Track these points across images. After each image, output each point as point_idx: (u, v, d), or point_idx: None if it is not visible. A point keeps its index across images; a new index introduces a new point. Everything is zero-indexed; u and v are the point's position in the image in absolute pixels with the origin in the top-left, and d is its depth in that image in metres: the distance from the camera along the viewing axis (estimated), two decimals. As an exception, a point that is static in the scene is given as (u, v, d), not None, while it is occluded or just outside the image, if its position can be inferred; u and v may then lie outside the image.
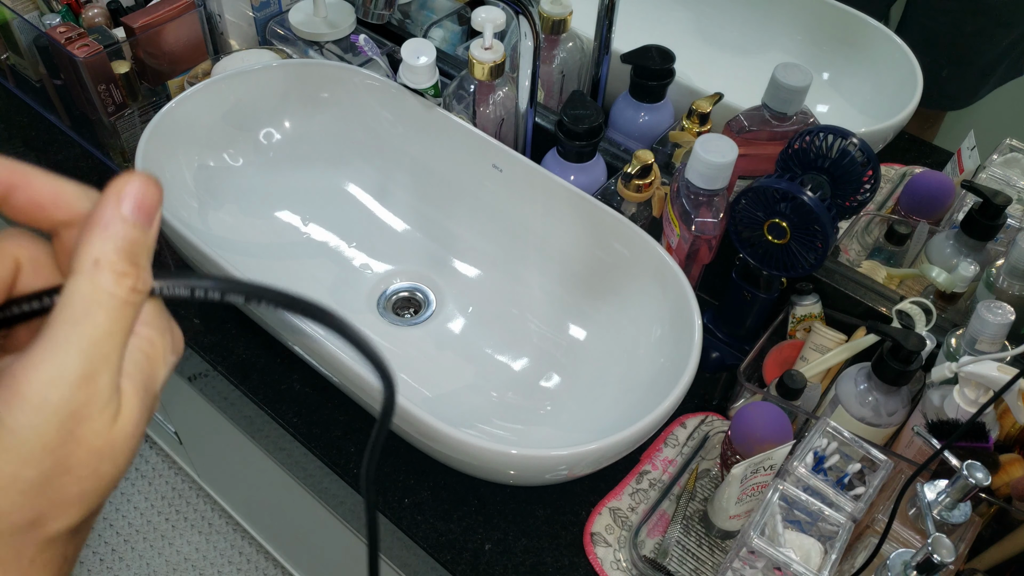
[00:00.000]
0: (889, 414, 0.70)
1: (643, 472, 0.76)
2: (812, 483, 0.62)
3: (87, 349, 0.24)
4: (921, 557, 0.57)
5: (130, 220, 0.25)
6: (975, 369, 0.64)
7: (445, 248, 0.90)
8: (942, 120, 1.00)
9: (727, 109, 0.85)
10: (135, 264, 0.25)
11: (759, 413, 0.69)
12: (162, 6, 0.96)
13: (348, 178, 0.95)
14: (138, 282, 0.25)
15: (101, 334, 0.25)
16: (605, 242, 0.80)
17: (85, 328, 0.25)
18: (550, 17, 0.92)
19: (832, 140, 0.70)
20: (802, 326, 0.81)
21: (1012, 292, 0.74)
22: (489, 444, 0.62)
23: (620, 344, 0.79)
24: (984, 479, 0.59)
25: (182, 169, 0.87)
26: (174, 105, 0.85)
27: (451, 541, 0.72)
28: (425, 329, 0.85)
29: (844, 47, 0.95)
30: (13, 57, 1.06)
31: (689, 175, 0.73)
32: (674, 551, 0.72)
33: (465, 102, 0.91)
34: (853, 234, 0.86)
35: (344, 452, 0.77)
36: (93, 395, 0.25)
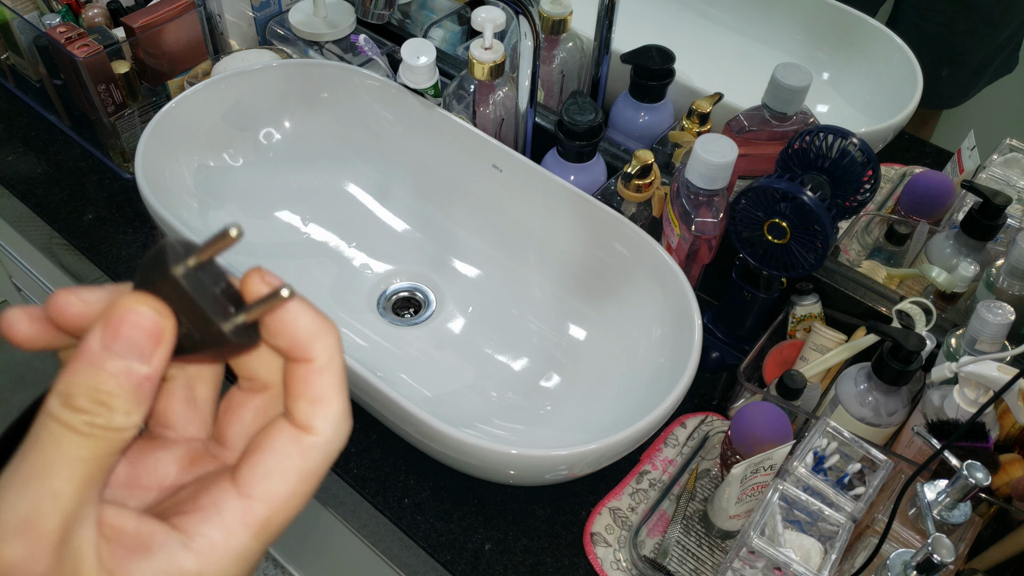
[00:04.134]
0: (889, 414, 0.70)
1: (643, 472, 0.76)
2: (812, 483, 0.62)
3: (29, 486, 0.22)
4: (921, 557, 0.57)
5: (100, 355, 0.23)
6: (975, 369, 0.64)
7: (445, 248, 0.90)
8: (938, 119, 1.00)
9: (727, 109, 0.85)
10: (99, 403, 0.23)
11: (759, 413, 0.69)
12: (162, 6, 0.96)
13: (348, 178, 0.95)
14: (99, 419, 0.23)
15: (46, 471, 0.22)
16: (605, 242, 0.80)
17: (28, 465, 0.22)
18: (550, 17, 0.92)
19: (832, 140, 0.70)
20: (802, 326, 0.81)
21: (1012, 292, 0.74)
22: (489, 444, 0.62)
23: (620, 344, 0.79)
24: (984, 479, 0.59)
25: (182, 169, 0.87)
26: (174, 105, 0.85)
27: (451, 541, 0.72)
28: (425, 329, 0.85)
29: (844, 47, 0.95)
30: (13, 57, 1.06)
31: (689, 175, 0.73)
32: (674, 551, 0.72)
33: (465, 102, 0.91)
34: (853, 234, 0.86)
35: (344, 452, 0.77)
36: (36, 545, 0.22)
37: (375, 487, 0.75)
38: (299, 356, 0.26)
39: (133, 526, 0.24)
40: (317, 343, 0.26)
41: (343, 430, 0.27)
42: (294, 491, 0.25)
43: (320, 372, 0.26)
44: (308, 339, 0.26)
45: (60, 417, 0.23)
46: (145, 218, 0.97)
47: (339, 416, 0.26)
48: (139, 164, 0.79)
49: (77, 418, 0.23)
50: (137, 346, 0.23)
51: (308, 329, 0.26)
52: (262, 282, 0.26)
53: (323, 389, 0.26)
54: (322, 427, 0.26)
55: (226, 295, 0.26)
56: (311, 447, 0.26)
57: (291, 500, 0.25)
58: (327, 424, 0.26)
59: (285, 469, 0.25)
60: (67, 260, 1.00)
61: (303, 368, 0.26)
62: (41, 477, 0.22)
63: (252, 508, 0.25)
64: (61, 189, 1.00)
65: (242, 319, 0.25)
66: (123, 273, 0.92)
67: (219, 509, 0.25)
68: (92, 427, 0.23)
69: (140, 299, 0.24)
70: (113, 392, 0.23)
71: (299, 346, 0.26)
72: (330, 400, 0.26)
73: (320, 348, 0.26)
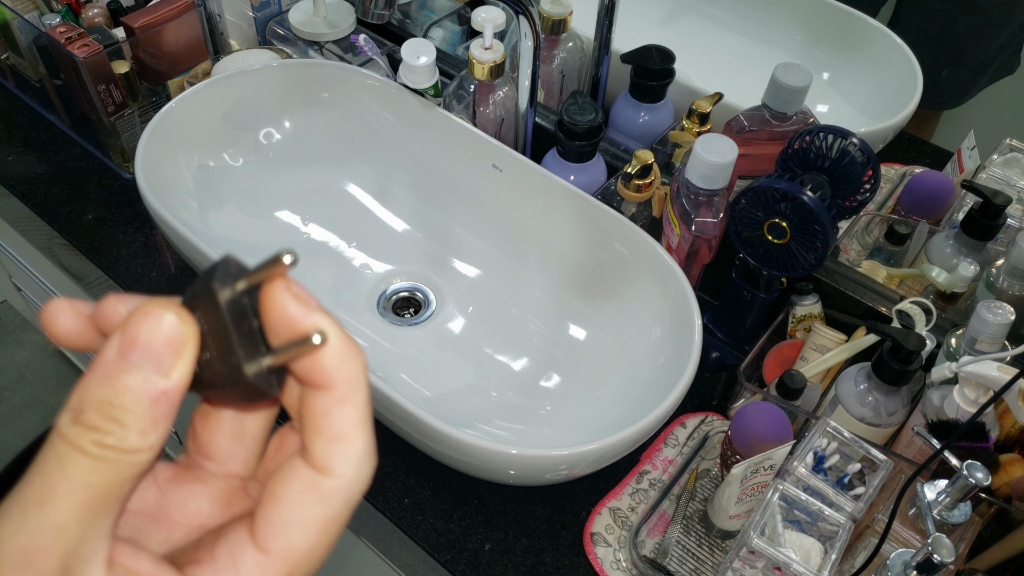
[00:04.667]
0: (889, 414, 0.70)
1: (643, 472, 0.76)
2: (812, 483, 0.61)
3: (28, 515, 0.20)
4: (921, 557, 0.57)
5: (116, 364, 0.21)
6: (975, 369, 0.64)
7: (445, 248, 0.90)
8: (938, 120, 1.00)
9: (727, 109, 0.85)
10: (111, 419, 0.21)
11: (759, 413, 0.69)
12: (162, 6, 0.96)
13: (348, 178, 0.95)
14: (109, 438, 0.20)
15: (48, 498, 0.20)
16: (605, 242, 0.80)
17: (31, 491, 0.20)
18: (550, 17, 0.92)
19: (832, 140, 0.70)
20: (802, 326, 0.81)
21: (1012, 292, 0.73)
22: (489, 444, 0.62)
23: (620, 344, 0.79)
24: (984, 479, 0.59)
25: (182, 169, 0.87)
26: (174, 105, 0.85)
27: (451, 541, 0.72)
28: (425, 329, 0.85)
29: (844, 47, 0.95)
30: (13, 57, 1.06)
31: (689, 175, 0.73)
32: (674, 551, 0.72)
33: (465, 102, 0.91)
34: (853, 234, 0.86)
35: (344, 452, 0.77)
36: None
37: (375, 487, 0.75)
38: (318, 382, 0.23)
39: (148, 572, 0.22)
40: (341, 370, 0.23)
41: (365, 471, 0.24)
42: (315, 543, 0.23)
43: (341, 403, 0.23)
44: (331, 365, 0.23)
45: (68, 435, 0.20)
46: (145, 218, 0.97)
47: (361, 455, 0.24)
48: (139, 164, 0.79)
49: (86, 437, 0.20)
50: (155, 356, 0.21)
51: (332, 353, 0.23)
52: (288, 295, 0.23)
53: (344, 424, 0.23)
54: (342, 469, 0.23)
55: (263, 334, 0.23)
56: (331, 493, 0.23)
57: (313, 552, 0.23)
58: (347, 465, 0.23)
59: (303, 521, 0.23)
60: (67, 260, 1.00)
61: (322, 398, 0.23)
62: (42, 505, 0.20)
63: (271, 565, 0.23)
64: (61, 189, 1.00)
65: (269, 362, 0.23)
66: (123, 273, 0.92)
67: (235, 564, 0.23)
68: (102, 448, 0.20)
69: (163, 305, 0.22)
70: (127, 407, 0.21)
71: (319, 370, 0.23)
72: (352, 437, 0.23)
73: (344, 376, 0.23)
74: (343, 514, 0.24)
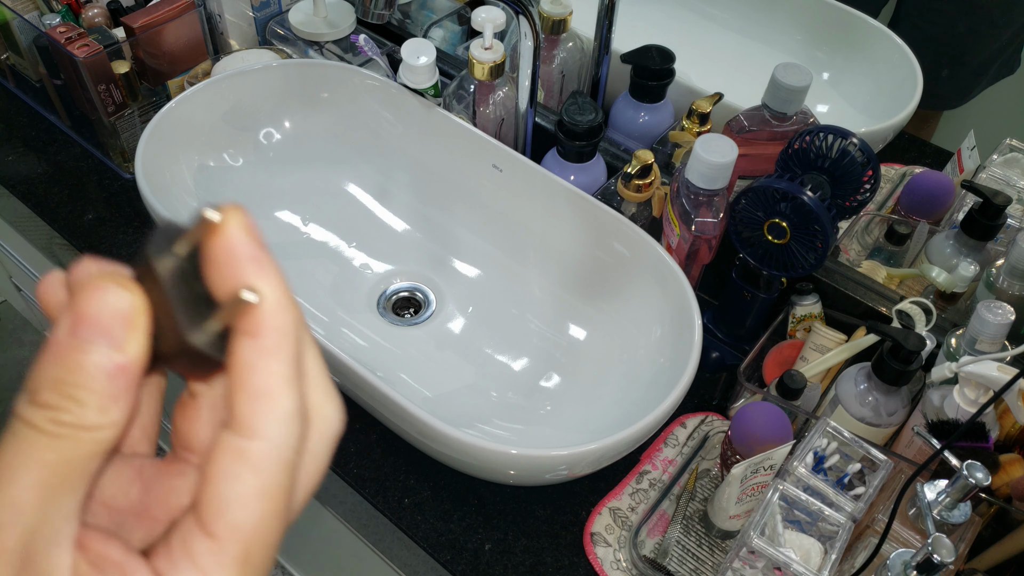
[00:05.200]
0: (889, 414, 0.70)
1: (643, 472, 0.76)
2: (812, 483, 0.61)
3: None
4: (921, 557, 0.57)
5: (67, 342, 0.20)
6: (975, 369, 0.64)
7: (445, 248, 0.90)
8: (938, 120, 1.00)
9: (727, 109, 0.85)
10: (66, 396, 0.20)
11: (759, 413, 0.69)
12: (162, 6, 0.96)
13: (348, 178, 0.95)
14: (66, 415, 0.20)
15: (6, 476, 0.20)
16: (605, 242, 0.80)
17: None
18: (550, 17, 0.92)
19: (832, 140, 0.70)
20: (802, 326, 0.81)
21: (1012, 292, 0.73)
22: (489, 444, 0.62)
23: (620, 344, 0.79)
24: (984, 479, 0.59)
25: (182, 169, 0.87)
26: (174, 105, 0.85)
27: (451, 541, 0.72)
28: (425, 329, 0.85)
29: (844, 47, 0.95)
30: (13, 57, 1.06)
31: (689, 175, 0.73)
32: (674, 551, 0.72)
33: (465, 102, 0.91)
34: (853, 234, 0.86)
35: (344, 452, 0.77)
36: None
37: (375, 487, 0.75)
38: (245, 327, 0.22)
39: (118, 558, 0.21)
40: (270, 318, 0.22)
41: (295, 433, 0.22)
42: (261, 515, 0.21)
43: (266, 355, 0.21)
44: (261, 311, 0.22)
45: (24, 416, 0.20)
46: (145, 218, 0.97)
47: (287, 415, 0.22)
48: (139, 164, 0.79)
49: (42, 415, 0.20)
50: (106, 330, 0.20)
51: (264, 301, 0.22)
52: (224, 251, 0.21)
53: (268, 379, 0.21)
54: (266, 429, 0.21)
55: (209, 300, 0.22)
56: (261, 459, 0.21)
57: (262, 526, 0.22)
58: (272, 425, 0.21)
59: (240, 495, 0.21)
60: (67, 260, 1.00)
61: (247, 348, 0.21)
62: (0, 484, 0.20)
63: (221, 548, 0.21)
64: (61, 189, 1.00)
65: (215, 327, 0.21)
66: (123, 273, 0.92)
67: (190, 552, 0.21)
68: (59, 425, 0.20)
69: (108, 277, 0.21)
70: (81, 383, 0.20)
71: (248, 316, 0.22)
72: (277, 395, 0.21)
73: (273, 324, 0.22)
74: (282, 479, 0.22)
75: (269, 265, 0.22)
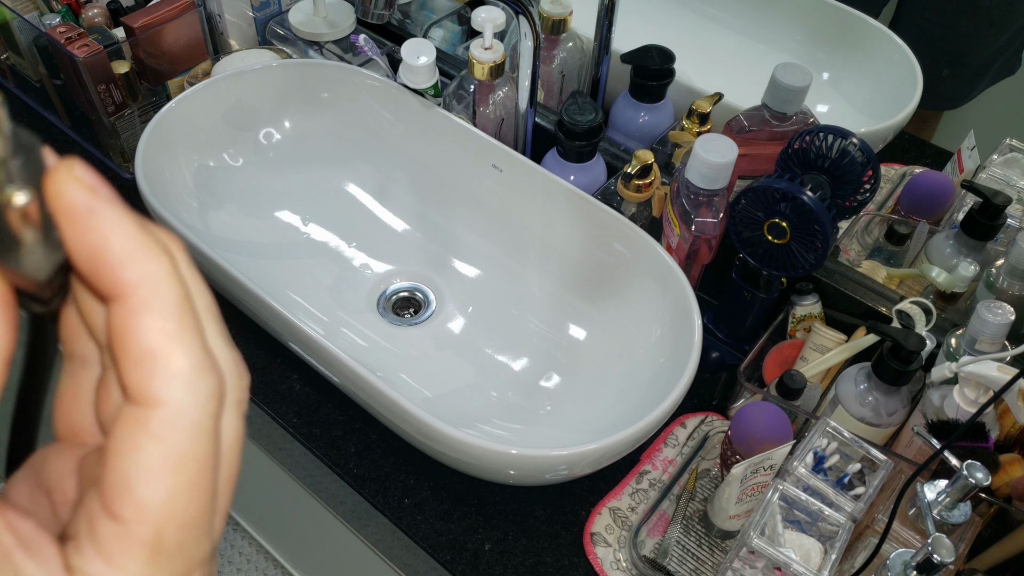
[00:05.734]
0: (889, 414, 0.70)
1: (643, 472, 0.76)
2: (812, 483, 0.62)
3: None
4: (921, 557, 0.57)
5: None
6: (975, 369, 0.64)
7: (445, 248, 0.90)
8: (939, 120, 1.00)
9: (727, 109, 0.85)
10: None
11: (759, 413, 0.69)
12: (162, 6, 0.96)
13: (348, 178, 0.95)
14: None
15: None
16: (605, 242, 0.80)
17: None
18: (550, 17, 0.92)
19: (832, 140, 0.70)
20: (802, 326, 0.81)
21: (1012, 292, 0.73)
22: (489, 444, 0.62)
23: (620, 344, 0.79)
24: (984, 479, 0.59)
25: (182, 169, 0.87)
26: (174, 105, 0.85)
27: (451, 541, 0.72)
28: (425, 329, 0.85)
29: (844, 47, 0.95)
30: (13, 57, 1.06)
31: (689, 175, 0.73)
32: (674, 551, 0.72)
33: (465, 102, 0.91)
34: (853, 234, 0.86)
35: (344, 452, 0.77)
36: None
37: (375, 487, 0.75)
38: (108, 288, 0.19)
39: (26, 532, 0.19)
40: (130, 269, 0.19)
41: (202, 388, 0.19)
42: (171, 490, 0.19)
43: (139, 313, 0.19)
44: (119, 260, 0.18)
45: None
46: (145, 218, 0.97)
47: (186, 373, 0.19)
48: (139, 164, 0.79)
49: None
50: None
51: (120, 246, 0.19)
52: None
53: (149, 338, 0.19)
54: (165, 392, 0.19)
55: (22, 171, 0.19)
56: (162, 426, 0.19)
57: (174, 502, 0.19)
58: (169, 387, 0.19)
59: (144, 468, 0.19)
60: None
61: (118, 313, 0.19)
62: None
63: (129, 531, 0.19)
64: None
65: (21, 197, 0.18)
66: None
67: (95, 538, 0.19)
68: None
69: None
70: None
71: (108, 270, 0.19)
72: (166, 352, 0.19)
73: (135, 275, 0.19)
74: (194, 446, 0.19)
75: (120, 210, 0.19)
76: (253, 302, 0.73)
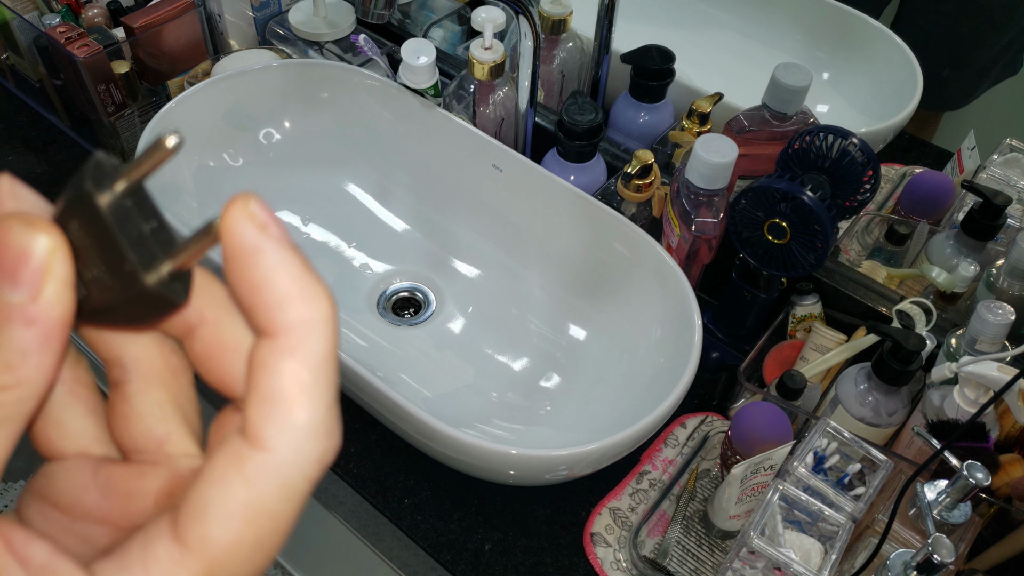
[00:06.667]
0: (889, 414, 0.70)
1: (643, 472, 0.76)
2: (812, 483, 0.61)
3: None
4: (921, 557, 0.57)
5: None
6: (975, 369, 0.64)
7: (445, 248, 0.90)
8: (939, 120, 1.00)
9: (727, 109, 0.85)
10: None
11: (759, 413, 0.69)
12: (162, 6, 0.96)
13: (348, 178, 0.95)
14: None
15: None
16: (605, 242, 0.80)
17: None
18: (550, 17, 0.92)
19: (832, 140, 0.70)
20: (802, 326, 0.81)
21: (1012, 292, 0.73)
22: (489, 444, 0.62)
23: (620, 344, 0.79)
24: (984, 479, 0.59)
25: (182, 169, 0.87)
26: (174, 105, 0.85)
27: (451, 541, 0.72)
28: (425, 329, 0.85)
29: (844, 47, 0.95)
30: (13, 57, 1.06)
31: (689, 175, 0.73)
32: (674, 551, 0.72)
33: (465, 102, 0.91)
34: (853, 234, 0.86)
35: (344, 452, 0.77)
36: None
37: (375, 487, 0.75)
38: (258, 324, 0.18)
39: (42, 561, 0.18)
40: (289, 310, 0.18)
41: (310, 451, 0.18)
42: (239, 536, 0.18)
43: (283, 354, 0.18)
44: (277, 301, 0.18)
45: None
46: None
47: (304, 428, 0.18)
48: (139, 164, 0.79)
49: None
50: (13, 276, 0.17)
51: (281, 287, 0.18)
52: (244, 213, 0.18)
53: (282, 382, 0.18)
54: (275, 440, 0.18)
55: (157, 238, 0.19)
56: (257, 471, 0.18)
57: (237, 549, 0.18)
58: (282, 436, 0.18)
59: (224, 506, 0.18)
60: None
61: (263, 346, 0.18)
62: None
63: (184, 560, 0.18)
64: (61, 189, 1.00)
65: (169, 267, 0.19)
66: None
67: (145, 557, 0.18)
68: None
69: (20, 219, 0.18)
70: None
71: (261, 309, 0.18)
72: (292, 401, 0.18)
73: (290, 318, 0.18)
74: (277, 504, 0.18)
75: (288, 251, 0.18)
76: (253, 302, 0.73)
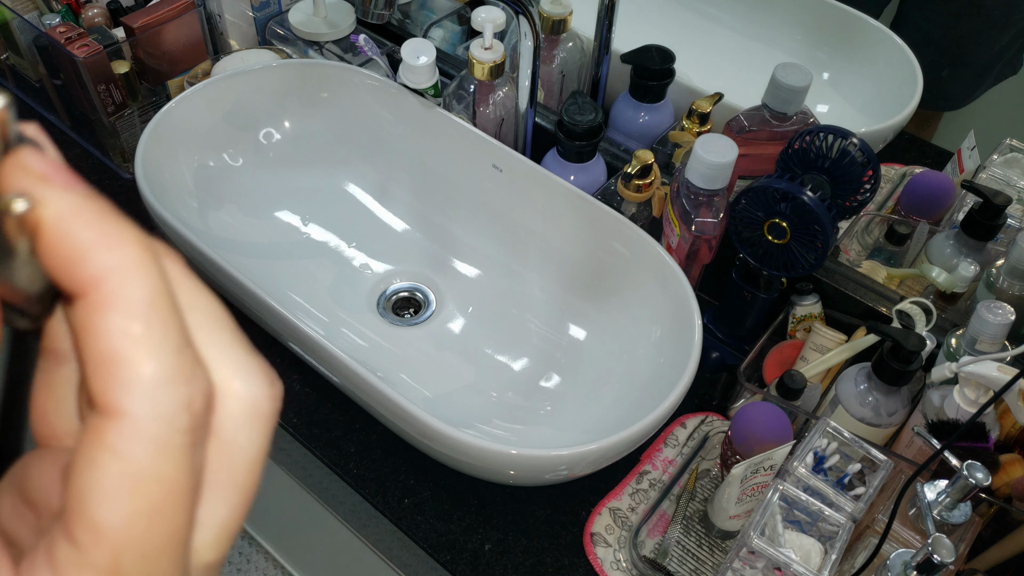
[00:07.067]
0: (889, 414, 0.70)
1: (643, 472, 0.76)
2: (812, 483, 0.61)
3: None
4: (921, 557, 0.57)
5: None
6: (975, 369, 0.64)
7: (445, 248, 0.90)
8: (939, 120, 1.00)
9: (727, 109, 0.85)
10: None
11: (759, 413, 0.69)
12: (162, 6, 0.96)
13: (348, 178, 0.95)
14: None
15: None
16: (605, 242, 0.80)
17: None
18: (550, 17, 0.92)
19: (832, 140, 0.70)
20: (802, 326, 0.81)
21: (1012, 292, 0.73)
22: (489, 444, 0.62)
23: (620, 344, 0.79)
24: (984, 479, 0.59)
25: (182, 169, 0.87)
26: (174, 105, 0.85)
27: (451, 541, 0.72)
28: (425, 329, 0.85)
29: (844, 47, 0.95)
30: (13, 57, 1.06)
31: (689, 175, 0.73)
32: (674, 551, 0.72)
33: (465, 102, 0.91)
34: (853, 234, 0.86)
35: (344, 452, 0.77)
36: None
37: (375, 487, 0.75)
38: (69, 284, 0.16)
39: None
40: (91, 261, 0.16)
41: (170, 400, 0.16)
42: (132, 512, 0.16)
43: (101, 312, 0.16)
44: (77, 254, 0.16)
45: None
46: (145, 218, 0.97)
47: (152, 381, 0.16)
48: (139, 164, 0.79)
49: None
50: None
51: (77, 239, 0.16)
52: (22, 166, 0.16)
53: (112, 340, 0.16)
54: (126, 402, 0.16)
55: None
56: (121, 438, 0.16)
57: (134, 527, 0.16)
58: (132, 396, 0.16)
59: (100, 486, 0.16)
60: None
61: (80, 309, 0.16)
62: None
63: (84, 558, 0.16)
64: (61, 189, 1.00)
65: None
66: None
67: (51, 561, 0.17)
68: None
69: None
70: None
71: (65, 265, 0.16)
72: (130, 357, 0.16)
73: (96, 268, 0.16)
74: (156, 464, 0.16)
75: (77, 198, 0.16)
76: (253, 302, 0.73)
